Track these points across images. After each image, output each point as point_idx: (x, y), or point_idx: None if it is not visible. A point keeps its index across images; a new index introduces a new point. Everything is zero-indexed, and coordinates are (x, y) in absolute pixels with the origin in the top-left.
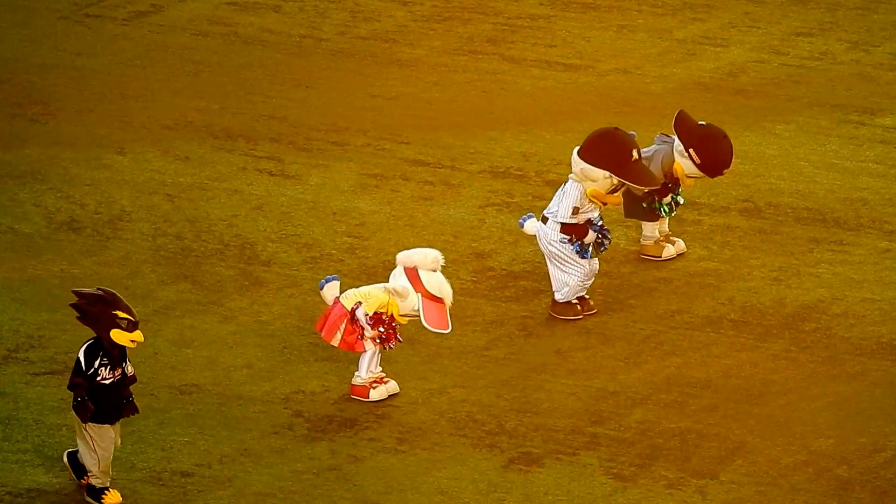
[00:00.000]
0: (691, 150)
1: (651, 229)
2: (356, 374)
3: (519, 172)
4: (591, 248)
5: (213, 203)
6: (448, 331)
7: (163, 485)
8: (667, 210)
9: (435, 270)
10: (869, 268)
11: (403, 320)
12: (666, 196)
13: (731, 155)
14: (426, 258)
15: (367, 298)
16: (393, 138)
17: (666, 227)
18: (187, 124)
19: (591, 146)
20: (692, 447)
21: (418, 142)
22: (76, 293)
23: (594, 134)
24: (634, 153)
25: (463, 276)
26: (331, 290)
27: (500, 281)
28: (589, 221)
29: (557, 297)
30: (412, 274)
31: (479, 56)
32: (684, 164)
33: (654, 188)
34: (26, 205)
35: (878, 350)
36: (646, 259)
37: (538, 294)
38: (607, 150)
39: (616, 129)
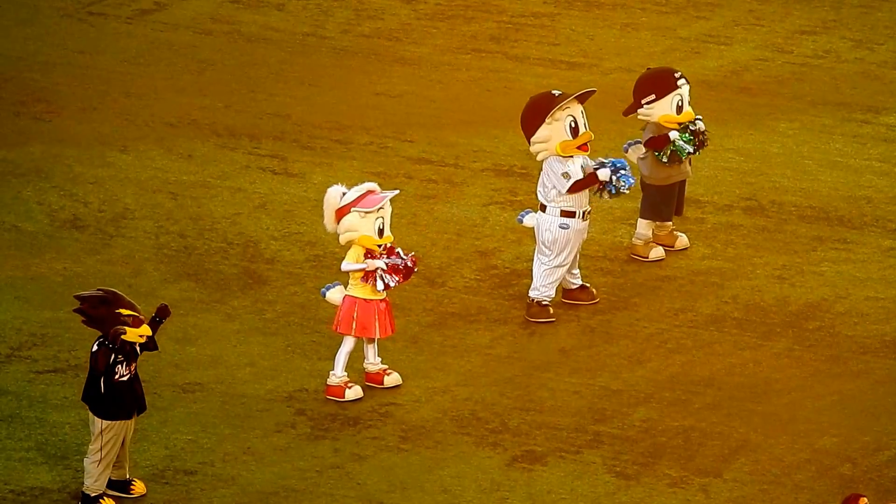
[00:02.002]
0: (643, 101)
1: (645, 227)
2: (331, 373)
3: (522, 171)
4: (615, 181)
5: (216, 201)
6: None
7: (166, 483)
8: (687, 141)
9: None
10: (873, 266)
11: (373, 244)
12: (673, 139)
13: (664, 69)
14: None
15: (349, 257)
16: (396, 136)
17: (670, 223)
18: (191, 122)
19: (522, 124)
20: (695, 445)
21: (422, 140)
22: (78, 298)
23: (520, 118)
24: (554, 92)
25: (466, 274)
26: (336, 293)
27: (503, 279)
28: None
29: (532, 294)
30: (341, 214)
31: (483, 54)
32: (655, 112)
33: (591, 90)
34: (30, 203)
35: (882, 348)
36: (635, 258)
37: None
38: (532, 111)
39: (530, 97)
